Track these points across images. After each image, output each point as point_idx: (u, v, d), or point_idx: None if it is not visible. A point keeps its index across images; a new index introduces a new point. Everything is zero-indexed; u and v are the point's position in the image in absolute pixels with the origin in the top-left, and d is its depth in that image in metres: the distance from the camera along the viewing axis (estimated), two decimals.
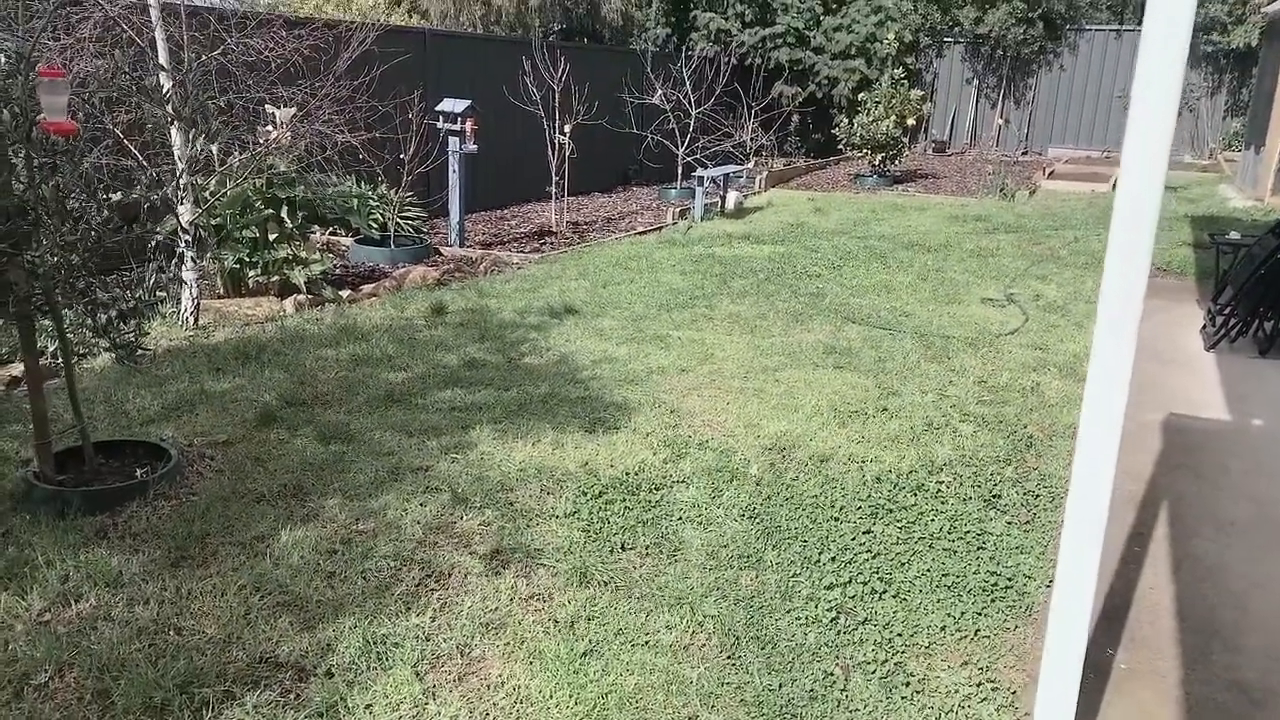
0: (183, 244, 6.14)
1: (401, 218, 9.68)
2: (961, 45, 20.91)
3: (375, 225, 9.25)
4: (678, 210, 12.15)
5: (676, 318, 6.91)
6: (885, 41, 18.04)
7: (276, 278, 7.12)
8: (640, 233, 10.88)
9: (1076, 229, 11.08)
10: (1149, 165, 2.17)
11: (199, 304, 6.30)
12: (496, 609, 3.09)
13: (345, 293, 7.30)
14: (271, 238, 7.11)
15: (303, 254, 7.19)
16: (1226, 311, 6.60)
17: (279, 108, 7.09)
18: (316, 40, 6.87)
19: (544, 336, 6.30)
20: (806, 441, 4.59)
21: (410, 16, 13.06)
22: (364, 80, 7.74)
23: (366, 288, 7.55)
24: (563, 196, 11.43)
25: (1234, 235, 7.78)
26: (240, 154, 6.76)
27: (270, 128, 7.03)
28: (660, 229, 11.21)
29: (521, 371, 5.55)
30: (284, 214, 7.02)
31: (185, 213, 6.11)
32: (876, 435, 4.71)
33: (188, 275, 6.19)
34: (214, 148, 6.66)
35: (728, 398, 5.20)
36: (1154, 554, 3.68)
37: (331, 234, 9.34)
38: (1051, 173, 16.02)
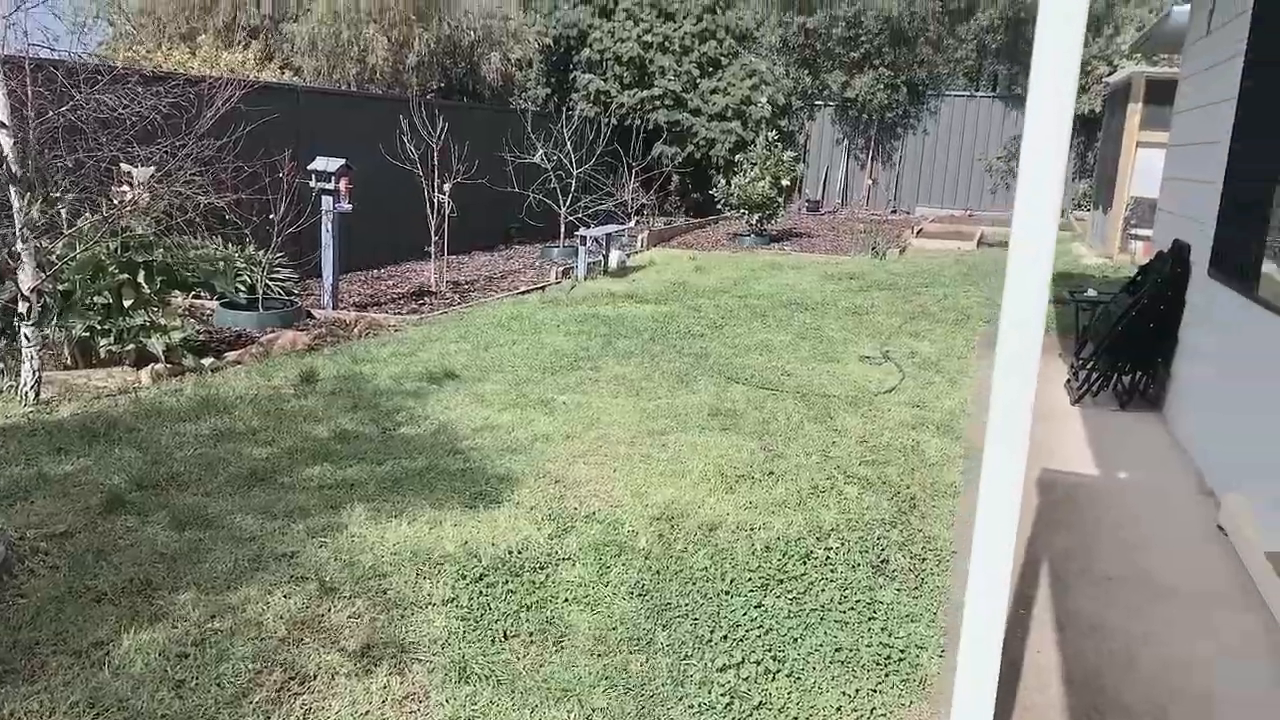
0: (21, 312, 5.70)
1: (271, 279, 9.28)
2: (831, 108, 21.77)
3: (244, 288, 8.85)
4: (561, 269, 12.09)
5: (561, 381, 6.77)
6: (759, 105, 18.59)
7: (132, 346, 6.66)
8: (523, 292, 10.75)
9: (946, 286, 11.50)
10: (1043, 201, 2.17)
11: (40, 377, 5.82)
12: (368, 713, 2.85)
13: (208, 361, 6.90)
14: (127, 304, 6.66)
15: (161, 320, 6.77)
16: (1089, 366, 6.88)
17: (136, 166, 6.71)
18: (177, 97, 6.54)
19: (422, 404, 6.06)
20: (695, 509, 4.50)
21: (283, 73, 12.72)
22: (229, 139, 7.43)
23: (231, 355, 7.16)
24: (443, 256, 11.22)
25: (1091, 292, 8.17)
26: (92, 215, 6.35)
27: (126, 188, 6.63)
28: (543, 288, 11.10)
29: (397, 443, 5.30)
30: (140, 279, 6.60)
31: (25, 278, 5.66)
32: (764, 500, 4.65)
33: (27, 346, 5.72)
34: (61, 209, 6.26)
35: (614, 464, 5.07)
36: (1038, 615, 3.70)
37: (195, 298, 8.88)
38: (920, 231, 16.69)
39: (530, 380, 6.74)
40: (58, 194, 6.16)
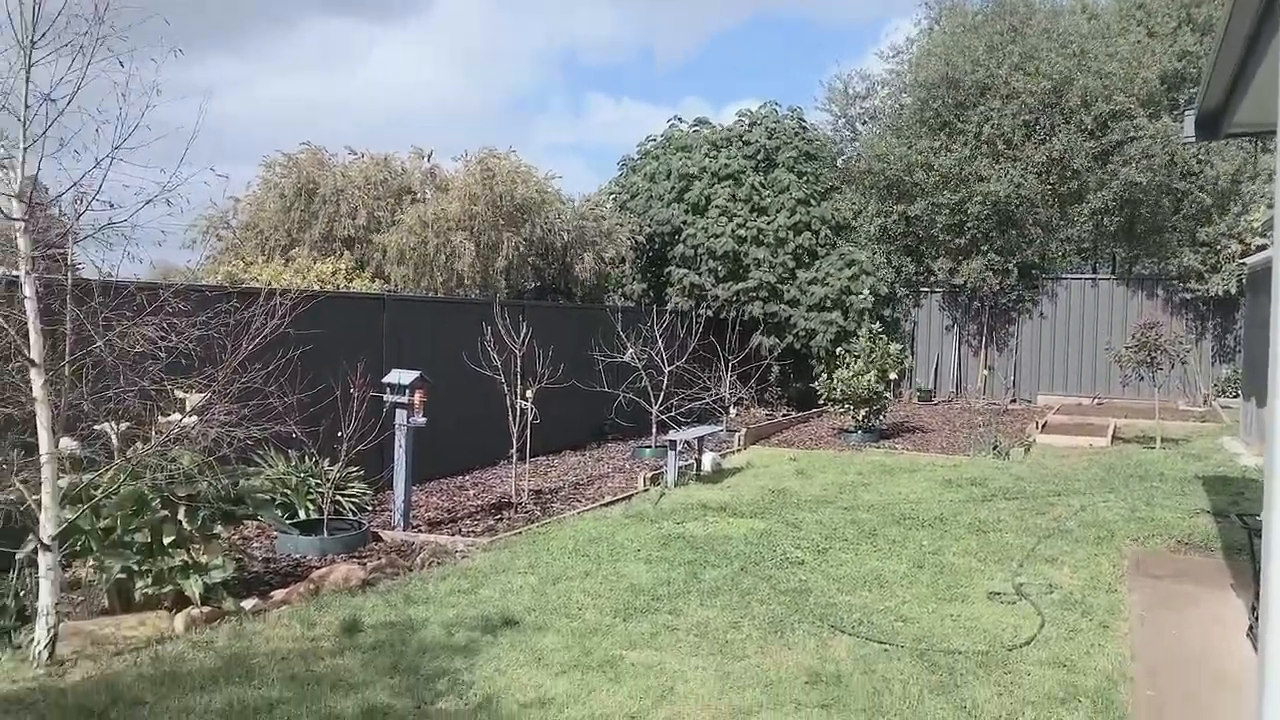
0: (40, 561, 5.21)
1: (343, 495, 8.83)
2: (939, 294, 21.02)
3: (312, 506, 8.40)
4: (650, 474, 11.32)
5: (634, 630, 5.86)
6: (860, 295, 18.01)
7: (170, 588, 6.11)
8: (608, 503, 9.98)
9: (1081, 494, 10.22)
10: None
11: (55, 633, 5.25)
12: None
13: (249, 604, 6.27)
14: (167, 541, 6.16)
15: (202, 559, 6.22)
16: None
17: (189, 392, 6.36)
18: (238, 312, 6.23)
19: (470, 665, 5.22)
20: None
21: (373, 281, 12.81)
22: (286, 356, 7.11)
23: (278, 594, 6.52)
24: (525, 461, 10.65)
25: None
26: (142, 445, 5.97)
27: (177, 414, 6.26)
28: (630, 497, 10.33)
29: None
30: (181, 515, 6.11)
31: (47, 525, 5.20)
32: None
33: (45, 598, 5.19)
34: (113, 434, 5.92)
35: None
36: None
37: (258, 521, 8.43)
38: (1045, 425, 15.39)
39: (598, 629, 5.85)
40: (99, 426, 5.83)
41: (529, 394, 10.52)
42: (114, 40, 5.37)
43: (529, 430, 10.48)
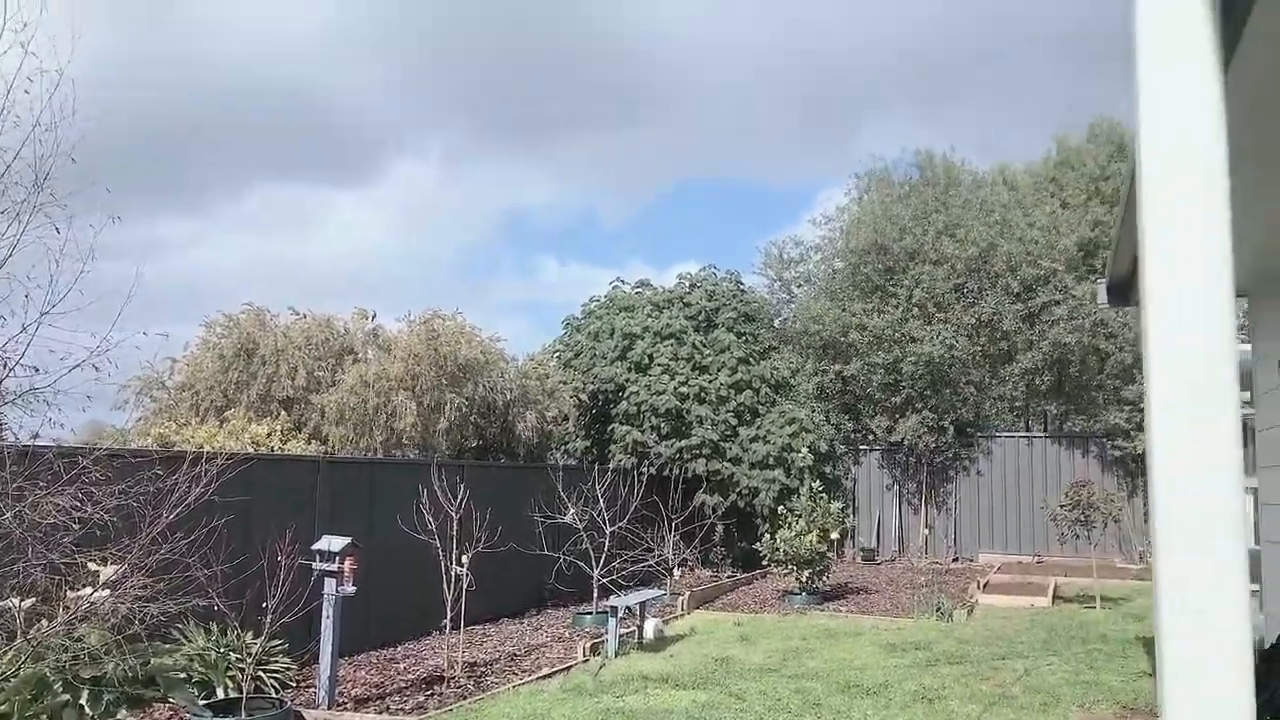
0: None
1: (264, 671, 8.35)
2: (878, 452, 21.28)
3: (231, 684, 7.93)
4: (590, 643, 10.96)
5: None
6: (801, 453, 18.15)
7: None
8: (545, 675, 9.59)
9: (1025, 657, 10.11)
10: None
11: None
12: None
13: None
14: None
15: None
16: None
17: (103, 565, 6.08)
18: (145, 487, 6.03)
19: None
20: None
21: (310, 443, 12.58)
22: (218, 523, 6.86)
23: None
24: (460, 631, 10.24)
25: None
26: (47, 623, 5.64)
27: (87, 589, 5.95)
28: (569, 668, 9.95)
29: None
30: (84, 699, 5.72)
31: None
32: None
33: None
34: (16, 612, 5.58)
35: None
36: None
37: (170, 703, 7.93)
38: (986, 584, 15.36)
39: None
40: (2, 604, 5.52)
41: (465, 559, 10.24)
42: (52, 207, 5.42)
43: (464, 597, 10.14)
